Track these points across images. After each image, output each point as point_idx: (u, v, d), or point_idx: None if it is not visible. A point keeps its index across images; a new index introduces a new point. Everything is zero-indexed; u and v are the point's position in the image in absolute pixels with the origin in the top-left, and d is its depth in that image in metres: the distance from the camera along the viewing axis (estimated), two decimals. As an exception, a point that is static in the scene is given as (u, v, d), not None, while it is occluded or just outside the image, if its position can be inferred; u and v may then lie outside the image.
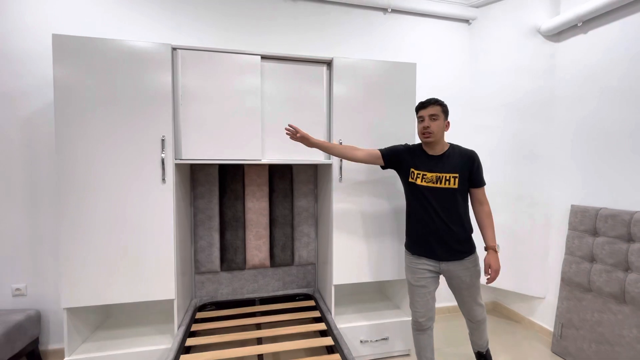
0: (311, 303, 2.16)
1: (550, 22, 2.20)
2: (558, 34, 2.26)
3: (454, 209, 1.59)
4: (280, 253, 2.32)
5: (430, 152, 1.63)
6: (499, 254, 1.61)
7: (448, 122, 1.62)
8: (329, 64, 1.94)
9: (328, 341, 1.69)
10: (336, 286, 1.98)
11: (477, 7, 2.58)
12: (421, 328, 1.69)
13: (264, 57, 1.84)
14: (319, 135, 1.93)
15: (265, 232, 2.28)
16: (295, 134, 1.70)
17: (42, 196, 1.99)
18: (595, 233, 1.95)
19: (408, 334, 2.04)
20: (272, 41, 2.29)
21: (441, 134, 1.59)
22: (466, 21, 2.64)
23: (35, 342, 1.94)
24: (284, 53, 1.88)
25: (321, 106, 1.95)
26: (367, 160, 1.74)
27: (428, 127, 1.56)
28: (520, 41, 2.36)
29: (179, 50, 1.73)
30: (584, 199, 2.09)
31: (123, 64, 1.64)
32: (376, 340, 2.00)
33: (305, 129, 1.91)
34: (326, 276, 2.11)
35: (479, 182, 1.60)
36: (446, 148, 1.62)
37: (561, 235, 2.22)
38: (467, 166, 1.57)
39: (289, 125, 1.70)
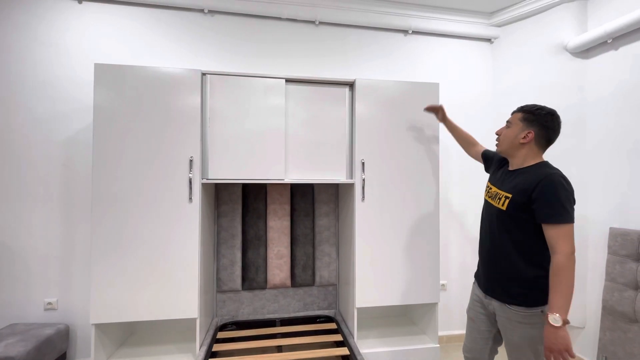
0: (332, 326, 2.11)
1: (578, 39, 2.16)
2: (586, 51, 2.20)
3: (503, 236, 1.27)
4: (301, 273, 2.30)
5: (509, 167, 1.39)
6: (561, 329, 1.08)
7: (530, 132, 1.27)
8: (351, 85, 1.97)
9: (351, 367, 1.64)
10: (359, 309, 1.93)
11: (499, 26, 2.58)
12: None
13: (288, 80, 1.90)
14: (341, 156, 1.95)
15: (286, 251, 2.28)
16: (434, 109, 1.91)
17: (76, 214, 2.09)
18: (639, 258, 1.82)
19: (435, 363, 1.94)
20: (296, 63, 2.36)
21: (510, 145, 1.32)
22: (488, 40, 2.63)
23: (63, 356, 1.99)
24: (308, 76, 1.94)
25: (344, 127, 1.97)
26: (477, 159, 1.74)
27: (498, 134, 1.39)
28: (545, 59, 2.31)
29: (208, 75, 1.81)
30: (624, 222, 1.96)
31: (157, 89, 1.74)
32: (401, 368, 1.91)
33: (327, 149, 1.95)
34: (348, 298, 2.06)
35: (543, 216, 1.15)
36: (527, 165, 1.29)
37: (599, 260, 2.08)
38: (527, 189, 1.19)
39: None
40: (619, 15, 1.97)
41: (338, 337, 1.95)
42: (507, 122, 1.36)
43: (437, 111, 1.92)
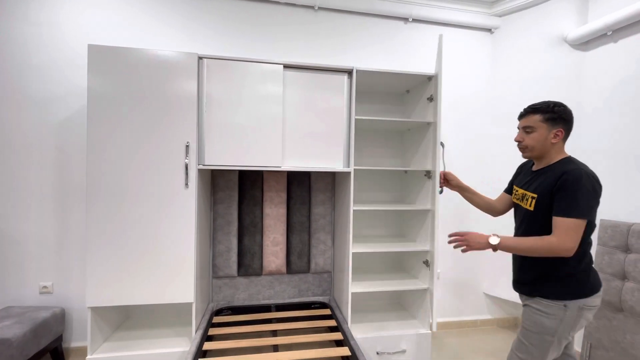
0: (327, 312, 2.14)
1: (578, 30, 2.15)
2: (586, 43, 2.20)
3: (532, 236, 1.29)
4: (297, 260, 2.32)
5: (534, 167, 1.40)
6: (486, 245, 1.28)
7: (560, 131, 1.26)
8: (349, 73, 1.96)
9: (345, 351, 1.67)
10: (353, 295, 1.96)
11: (500, 16, 2.55)
12: None
13: (286, 66, 1.87)
14: (338, 145, 1.95)
15: (282, 239, 2.29)
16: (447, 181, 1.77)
17: (71, 198, 2.07)
18: (627, 249, 1.86)
19: (426, 347, 1.99)
20: (294, 49, 2.33)
21: (542, 148, 1.30)
22: (488, 30, 2.61)
23: (59, 339, 2.00)
24: (306, 62, 1.91)
25: (342, 114, 1.96)
26: (506, 208, 1.58)
27: (520, 141, 1.35)
28: (545, 50, 2.31)
29: (205, 59, 1.78)
30: (615, 214, 2.00)
31: (152, 73, 1.70)
32: (393, 353, 1.95)
33: (324, 136, 1.94)
34: (342, 284, 2.09)
35: (557, 209, 1.18)
36: (553, 161, 1.30)
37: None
38: (549, 187, 1.22)
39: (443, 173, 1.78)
40: (620, 8, 1.96)
41: (332, 323, 1.98)
42: (527, 127, 1.31)
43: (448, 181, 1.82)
